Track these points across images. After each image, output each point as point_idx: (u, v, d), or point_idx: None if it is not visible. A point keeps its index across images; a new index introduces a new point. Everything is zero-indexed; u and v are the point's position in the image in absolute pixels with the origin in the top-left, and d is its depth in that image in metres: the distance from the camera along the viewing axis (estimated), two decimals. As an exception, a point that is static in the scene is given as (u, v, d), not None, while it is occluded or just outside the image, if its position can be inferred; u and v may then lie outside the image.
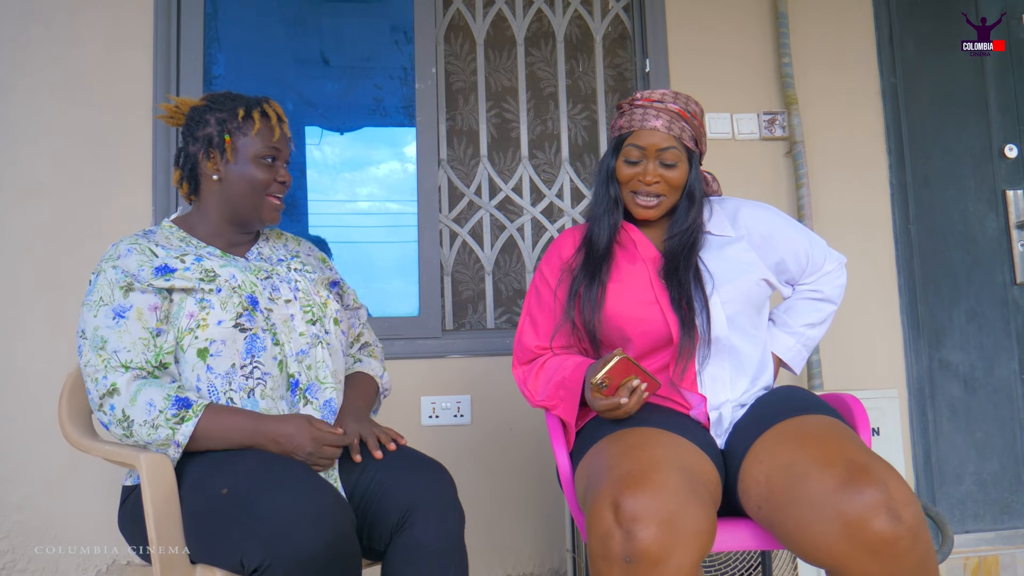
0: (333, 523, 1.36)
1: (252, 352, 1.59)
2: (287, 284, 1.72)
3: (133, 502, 1.57)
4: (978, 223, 3.06)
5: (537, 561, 2.69)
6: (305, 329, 1.68)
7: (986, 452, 2.97)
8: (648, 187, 1.75)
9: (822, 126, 3.00)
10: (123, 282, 1.57)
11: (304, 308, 1.70)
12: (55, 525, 2.47)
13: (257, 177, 1.70)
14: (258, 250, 1.79)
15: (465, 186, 2.90)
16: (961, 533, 2.90)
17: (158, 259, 1.61)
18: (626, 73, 3.05)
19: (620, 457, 1.46)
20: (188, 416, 1.49)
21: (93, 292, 1.58)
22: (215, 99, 1.74)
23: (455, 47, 2.97)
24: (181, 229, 1.74)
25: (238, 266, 1.67)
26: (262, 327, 1.61)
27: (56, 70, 2.63)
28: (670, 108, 1.74)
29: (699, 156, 1.80)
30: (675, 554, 1.30)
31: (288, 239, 1.92)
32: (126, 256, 1.60)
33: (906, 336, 2.96)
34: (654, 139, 1.73)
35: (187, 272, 1.60)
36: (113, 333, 1.53)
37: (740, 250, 1.78)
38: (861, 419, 1.71)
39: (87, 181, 2.60)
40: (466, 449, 2.68)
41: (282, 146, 1.74)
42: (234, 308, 1.59)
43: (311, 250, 1.94)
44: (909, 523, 1.29)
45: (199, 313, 1.57)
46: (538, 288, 1.89)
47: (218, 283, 1.61)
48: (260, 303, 1.64)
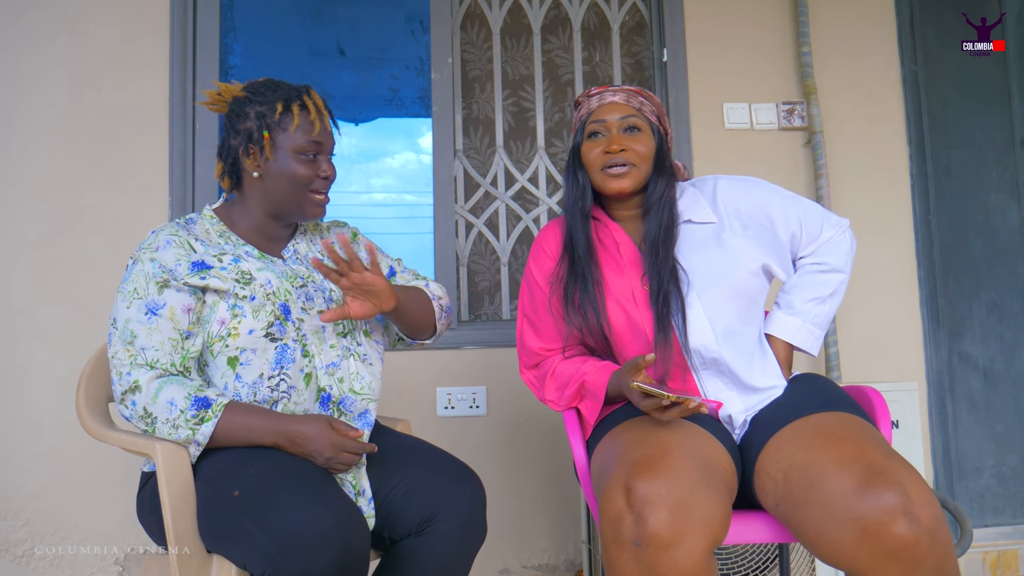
0: (341, 542, 1.33)
1: (281, 363, 1.56)
2: (321, 294, 1.68)
3: (151, 489, 1.57)
4: (999, 214, 3.03)
5: (552, 552, 2.68)
6: (336, 341, 1.65)
7: (1006, 445, 2.94)
8: (615, 155, 1.71)
9: (841, 116, 2.97)
10: (159, 277, 1.53)
11: (336, 321, 1.64)
12: (73, 514, 2.49)
13: (298, 173, 1.63)
14: (294, 247, 1.74)
15: (481, 176, 2.89)
16: (980, 527, 2.88)
17: (196, 254, 1.57)
18: (644, 62, 3.03)
19: (634, 443, 1.46)
20: (208, 416, 1.47)
21: (128, 281, 1.55)
22: (255, 89, 1.68)
23: (471, 35, 2.96)
24: (221, 222, 1.69)
25: (275, 271, 1.63)
26: (292, 337, 1.58)
27: (72, 60, 2.64)
28: (626, 88, 1.77)
29: (664, 134, 1.77)
30: (685, 540, 1.29)
31: (323, 230, 1.86)
32: (164, 248, 1.56)
33: (926, 328, 2.93)
34: (615, 111, 1.74)
35: (223, 272, 1.56)
36: (143, 329, 1.50)
37: (727, 238, 1.72)
38: (882, 413, 1.68)
39: (102, 171, 2.61)
40: (482, 440, 2.68)
41: (324, 139, 1.67)
42: (266, 317, 1.55)
43: (341, 229, 1.88)
44: (927, 525, 1.28)
45: (231, 321, 1.53)
46: (530, 288, 1.84)
47: (253, 288, 1.57)
48: (292, 312, 1.60)
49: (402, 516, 1.55)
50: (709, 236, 1.73)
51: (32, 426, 2.49)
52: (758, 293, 1.70)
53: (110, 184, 2.61)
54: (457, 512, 1.54)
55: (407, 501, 1.55)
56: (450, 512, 1.54)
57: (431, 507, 1.54)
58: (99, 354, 1.74)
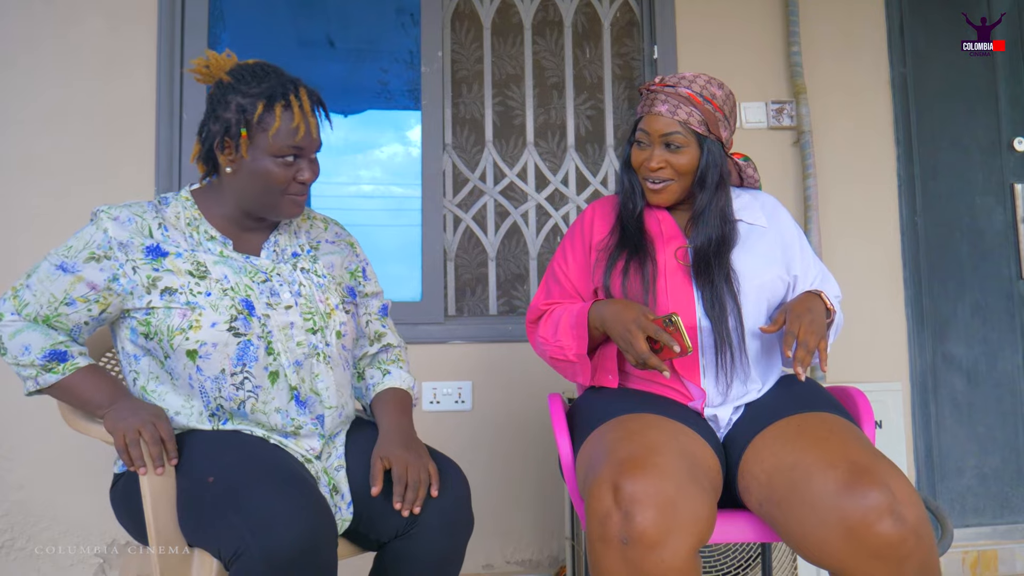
0: (310, 523, 1.32)
1: (243, 360, 1.50)
2: (289, 287, 1.59)
3: (123, 488, 1.55)
4: (985, 216, 3.04)
5: (536, 548, 2.69)
6: (304, 338, 1.57)
7: (988, 446, 2.96)
8: (652, 172, 1.73)
9: (830, 116, 2.98)
10: (98, 252, 1.50)
11: (305, 315, 1.58)
12: (55, 504, 2.47)
13: (273, 175, 1.53)
14: (275, 239, 1.65)
15: (470, 171, 2.89)
16: (961, 527, 2.90)
17: (152, 239, 1.53)
18: (633, 62, 3.02)
19: (621, 441, 1.46)
20: (56, 369, 1.50)
21: (76, 236, 1.53)
22: (242, 76, 1.55)
23: (460, 35, 2.94)
24: (196, 206, 1.60)
25: (232, 267, 1.55)
26: (257, 334, 1.51)
27: (59, 47, 2.61)
28: (680, 92, 1.71)
29: (716, 141, 1.73)
30: (672, 538, 1.30)
31: (315, 221, 1.77)
32: (125, 224, 1.52)
33: (910, 329, 2.94)
34: (658, 124, 1.71)
35: (178, 260, 1.52)
36: (44, 275, 1.51)
37: (769, 242, 1.76)
38: (866, 413, 1.69)
39: (88, 159, 2.59)
40: (467, 435, 2.68)
41: (307, 143, 1.54)
42: (227, 311, 1.49)
43: (339, 235, 1.79)
44: (912, 524, 1.29)
45: (191, 314, 1.48)
46: (572, 241, 1.87)
47: (208, 283, 1.51)
48: (256, 308, 1.52)
49: (388, 517, 1.53)
50: (755, 235, 1.77)
51: (12, 417, 2.47)
52: (779, 298, 1.74)
53: (95, 173, 2.58)
54: (442, 509, 1.53)
55: (391, 502, 1.52)
56: (435, 510, 1.52)
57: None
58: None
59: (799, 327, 1.55)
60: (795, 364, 1.54)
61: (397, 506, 1.47)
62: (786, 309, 1.62)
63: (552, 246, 2.89)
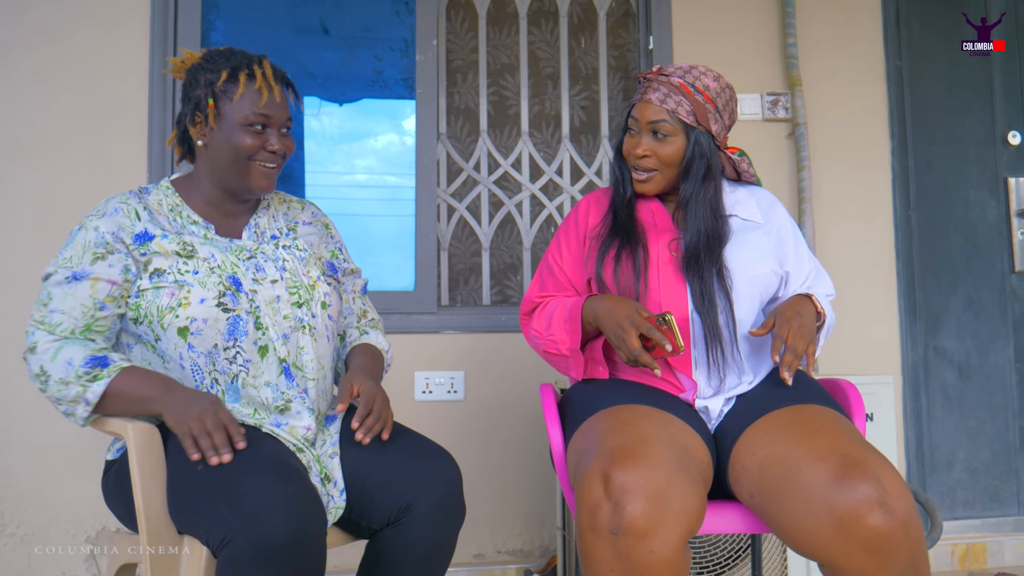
0: (298, 513, 1.31)
1: (234, 335, 1.52)
2: (273, 263, 1.62)
3: (116, 475, 1.55)
4: (979, 210, 3.05)
5: (527, 538, 2.69)
6: (290, 312, 1.59)
7: (978, 439, 2.97)
8: (638, 160, 1.73)
9: (825, 108, 2.97)
10: (99, 249, 1.51)
11: (290, 289, 1.61)
12: (45, 490, 2.47)
13: (241, 144, 1.57)
14: (255, 221, 1.70)
15: (464, 161, 2.88)
16: (950, 520, 2.91)
17: (140, 223, 1.55)
18: (628, 53, 3.01)
19: (612, 432, 1.46)
20: (101, 376, 1.46)
21: (68, 247, 1.53)
22: (211, 56, 1.63)
23: (455, 24, 2.93)
24: (177, 193, 1.64)
25: (218, 247, 1.59)
26: (245, 309, 1.54)
27: (50, 30, 2.59)
28: (672, 81, 1.71)
29: (706, 133, 1.72)
30: (662, 529, 1.30)
31: (292, 204, 1.82)
32: (111, 216, 1.54)
33: (903, 322, 2.95)
34: (647, 112, 1.71)
35: (164, 240, 1.54)
36: (60, 292, 1.50)
37: (763, 237, 1.75)
38: (857, 406, 1.70)
39: (78, 148, 2.57)
40: (459, 425, 2.68)
41: (272, 112, 1.59)
42: (215, 287, 1.52)
43: (315, 215, 1.84)
44: (901, 516, 1.30)
45: (179, 292, 1.50)
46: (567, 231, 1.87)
47: (196, 262, 1.54)
48: (244, 284, 1.55)
49: (380, 505, 1.54)
50: (748, 229, 1.76)
51: (3, 403, 2.46)
52: (772, 292, 1.75)
53: (86, 161, 2.57)
54: (434, 497, 1.53)
55: (383, 491, 1.53)
56: (427, 498, 1.53)
57: (408, 495, 1.52)
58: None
59: (787, 331, 1.56)
60: (781, 369, 1.55)
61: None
62: (776, 312, 1.62)
63: (546, 236, 2.89)
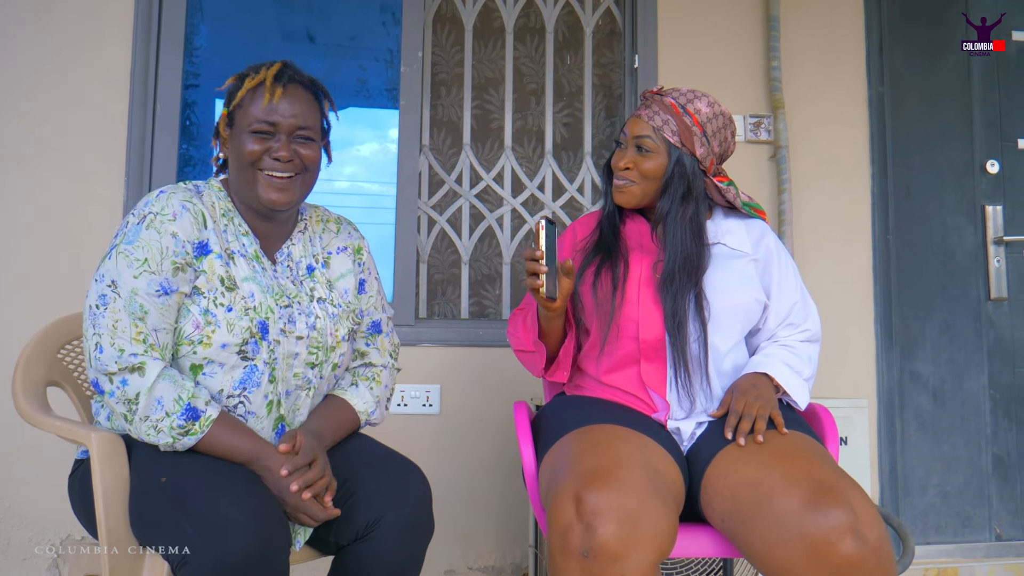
0: (261, 531, 1.29)
1: (245, 384, 1.48)
2: (305, 318, 1.56)
3: (82, 476, 1.52)
4: (956, 236, 3.07)
5: (499, 555, 2.67)
6: (302, 371, 1.55)
7: (951, 465, 2.98)
8: (620, 172, 1.77)
9: (807, 131, 2.99)
10: (178, 259, 1.43)
11: (311, 349, 1.56)
12: (8, 497, 2.43)
13: (244, 150, 1.49)
14: (289, 249, 1.62)
15: (446, 173, 2.87)
16: (923, 544, 2.92)
17: (205, 232, 1.48)
18: (612, 73, 3.02)
19: (585, 453, 1.45)
20: (194, 430, 1.39)
21: (136, 245, 1.42)
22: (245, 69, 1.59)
23: (441, 37, 2.93)
24: (228, 197, 1.57)
25: (260, 284, 1.51)
26: (264, 359, 1.49)
27: (31, 37, 2.56)
28: (665, 101, 1.75)
29: (690, 156, 1.73)
30: (634, 552, 1.29)
31: (328, 224, 1.73)
32: (181, 217, 1.45)
33: (879, 346, 2.96)
34: (635, 127, 1.76)
35: (217, 261, 1.47)
36: (156, 308, 1.40)
37: (747, 266, 1.76)
38: (830, 430, 1.70)
39: (55, 148, 2.54)
40: (433, 439, 2.66)
41: (278, 116, 1.50)
42: (241, 333, 1.45)
43: (349, 237, 1.74)
44: (873, 544, 1.30)
45: (204, 328, 1.44)
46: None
47: (233, 297, 1.47)
48: (270, 332, 1.49)
49: (348, 520, 1.51)
50: (734, 257, 1.77)
51: (-30, 406, 2.42)
52: (754, 320, 1.76)
53: (61, 162, 2.54)
54: (403, 512, 1.51)
55: (353, 506, 1.51)
56: (395, 513, 1.51)
57: (377, 511, 1.50)
58: (40, 337, 1.69)
59: (742, 404, 1.57)
60: (732, 434, 1.54)
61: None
62: (732, 388, 1.64)
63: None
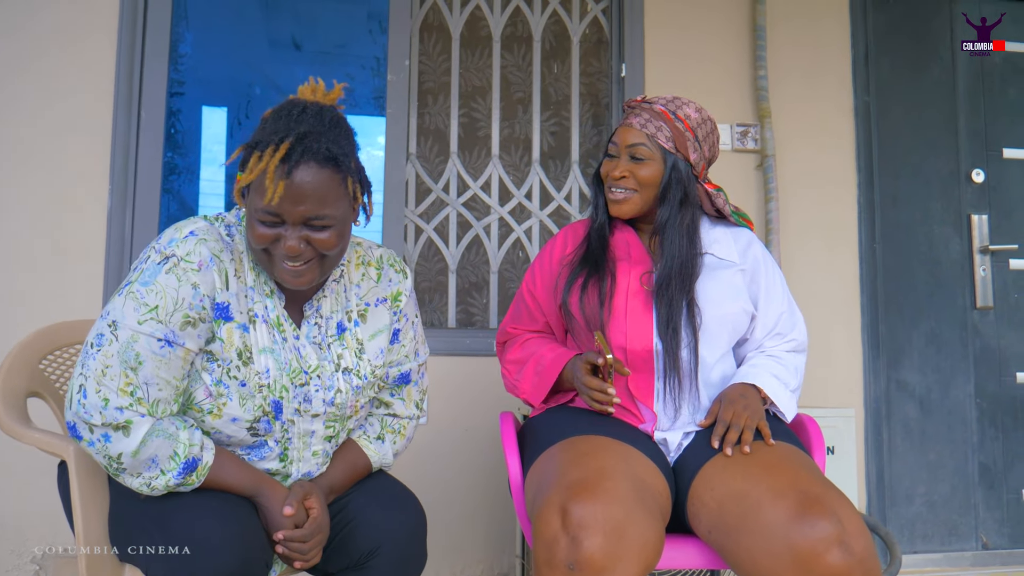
0: (240, 554, 1.27)
1: (252, 459, 1.42)
2: (324, 392, 1.45)
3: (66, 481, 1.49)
4: (942, 246, 3.08)
5: (486, 565, 2.66)
6: (320, 448, 1.48)
7: (938, 473, 2.99)
8: (616, 181, 1.75)
9: (794, 140, 3.00)
10: (192, 314, 1.31)
11: (328, 423, 1.47)
12: (-11, 509, 2.40)
13: (255, 233, 1.32)
14: (318, 304, 1.48)
15: (433, 181, 2.86)
16: (909, 553, 2.92)
17: (227, 292, 1.36)
18: (599, 82, 3.02)
19: (571, 464, 1.45)
20: (191, 481, 1.32)
21: (151, 288, 1.30)
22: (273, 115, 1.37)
23: (428, 45, 2.92)
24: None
25: (278, 358, 1.40)
26: (276, 438, 1.42)
27: (16, 40, 2.54)
28: (654, 109, 1.75)
29: (684, 161, 1.74)
30: (620, 565, 1.29)
31: (369, 270, 1.56)
32: (207, 269, 1.33)
33: (866, 355, 2.97)
34: (627, 136, 1.75)
35: (236, 330, 1.36)
36: (153, 360, 1.28)
37: (735, 276, 1.76)
38: (817, 440, 1.70)
39: (38, 153, 2.51)
40: (420, 448, 2.64)
41: (282, 209, 1.29)
42: (254, 411, 1.37)
43: (390, 284, 1.57)
44: (860, 555, 1.29)
45: (215, 400, 1.35)
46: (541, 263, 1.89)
47: (247, 372, 1.37)
48: (284, 412, 1.41)
49: (343, 550, 1.48)
50: (722, 267, 1.76)
51: (-50, 416, 2.39)
52: (743, 330, 1.75)
53: (45, 171, 2.51)
54: (398, 545, 1.48)
55: (349, 536, 1.48)
56: (390, 547, 1.47)
57: (372, 542, 1.47)
58: (22, 347, 1.65)
59: (730, 413, 1.57)
60: (721, 445, 1.53)
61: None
62: (719, 398, 1.64)
63: (513, 260, 2.87)
